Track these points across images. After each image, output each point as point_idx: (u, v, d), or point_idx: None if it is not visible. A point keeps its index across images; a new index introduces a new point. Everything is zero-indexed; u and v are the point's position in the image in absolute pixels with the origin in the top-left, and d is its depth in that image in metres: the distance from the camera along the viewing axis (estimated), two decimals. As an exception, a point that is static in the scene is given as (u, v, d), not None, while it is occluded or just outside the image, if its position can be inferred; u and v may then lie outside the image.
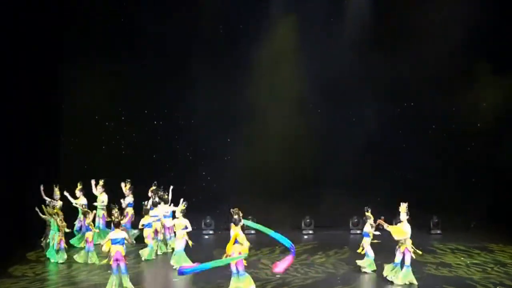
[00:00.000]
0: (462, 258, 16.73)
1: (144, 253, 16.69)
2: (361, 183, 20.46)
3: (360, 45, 20.63)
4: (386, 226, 14.44)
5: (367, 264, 15.33)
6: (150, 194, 17.89)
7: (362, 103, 20.81)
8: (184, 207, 15.60)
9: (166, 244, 17.55)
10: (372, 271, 15.36)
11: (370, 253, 15.28)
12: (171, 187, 18.05)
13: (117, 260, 13.07)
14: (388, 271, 14.53)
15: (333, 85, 20.70)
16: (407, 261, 14.08)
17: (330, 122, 20.92)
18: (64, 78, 20.47)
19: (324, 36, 20.71)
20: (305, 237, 19.98)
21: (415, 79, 20.58)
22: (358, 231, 19.28)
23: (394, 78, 20.57)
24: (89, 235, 16.22)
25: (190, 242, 15.37)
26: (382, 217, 14.79)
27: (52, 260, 16.31)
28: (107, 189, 18.64)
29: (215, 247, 17.75)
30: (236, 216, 13.48)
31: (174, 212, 16.68)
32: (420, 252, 14.56)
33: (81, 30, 20.31)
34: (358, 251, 15.60)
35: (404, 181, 20.50)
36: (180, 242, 15.34)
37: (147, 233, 16.78)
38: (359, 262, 15.48)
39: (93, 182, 18.38)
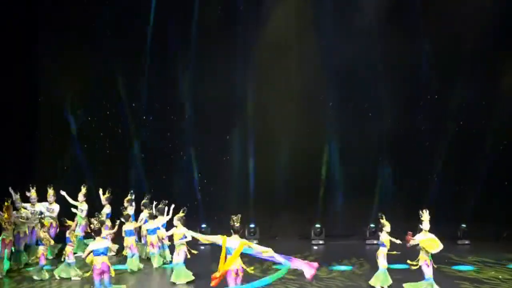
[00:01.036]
0: (493, 273, 15.16)
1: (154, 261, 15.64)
2: (378, 188, 19.24)
3: (375, 30, 19.14)
4: (412, 241, 13.02)
5: (380, 279, 13.65)
6: (125, 204, 16.55)
7: (378, 98, 19.42)
8: (184, 214, 14.47)
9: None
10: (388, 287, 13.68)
11: (383, 264, 13.65)
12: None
13: (102, 272, 12.19)
14: None
15: (345, 78, 19.41)
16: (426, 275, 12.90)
17: (342, 119, 19.59)
18: (42, 68, 19.46)
19: (334, 20, 19.28)
20: (315, 247, 18.64)
21: (438, 68, 19.17)
22: (375, 241, 17.59)
23: (414, 68, 19.27)
24: (42, 249, 14.69)
25: (188, 254, 14.32)
26: (410, 232, 13.19)
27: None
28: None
29: (213, 260, 16.01)
30: (238, 224, 12.06)
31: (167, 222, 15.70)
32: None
33: (59, 18, 19.28)
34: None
35: (427, 185, 19.18)
36: (180, 255, 14.27)
37: (150, 240, 15.65)
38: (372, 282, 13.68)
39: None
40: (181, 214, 14.30)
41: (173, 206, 15.30)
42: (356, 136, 19.35)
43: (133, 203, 16.60)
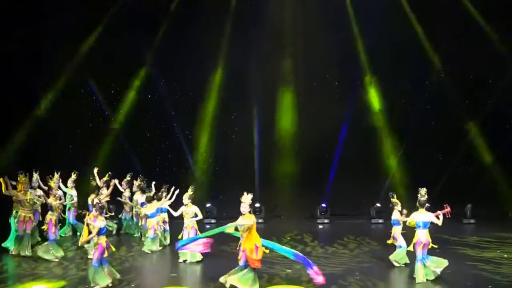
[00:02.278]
0: (498, 252, 14.95)
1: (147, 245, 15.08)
2: (384, 167, 19.16)
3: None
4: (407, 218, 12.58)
5: (399, 257, 13.45)
6: (124, 186, 16.26)
7: (384, 79, 19.25)
8: (192, 192, 14.06)
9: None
10: (404, 264, 13.42)
11: (403, 243, 13.43)
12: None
13: (101, 250, 11.75)
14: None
15: (352, 58, 19.22)
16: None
17: (348, 98, 19.33)
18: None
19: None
20: (320, 226, 18.51)
21: (445, 48, 18.85)
22: (380, 220, 18.08)
23: (418, 48, 18.94)
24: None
25: (199, 233, 13.83)
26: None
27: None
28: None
29: (218, 238, 15.75)
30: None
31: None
32: (436, 246, 12.56)
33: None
34: (389, 242, 13.63)
35: (433, 165, 18.86)
36: (190, 232, 13.89)
37: (151, 224, 15.02)
38: (392, 257, 13.47)
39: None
40: (190, 192, 13.94)
41: (177, 191, 14.94)
42: (363, 117, 19.17)
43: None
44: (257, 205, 18.51)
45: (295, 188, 18.96)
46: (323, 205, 18.78)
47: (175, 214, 14.09)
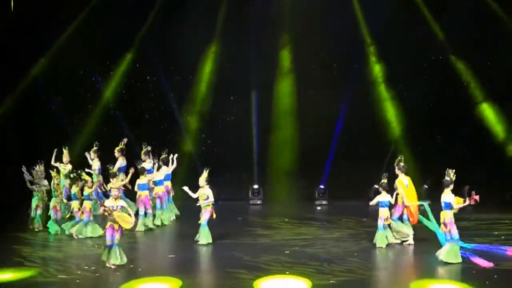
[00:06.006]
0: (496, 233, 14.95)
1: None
2: (384, 149, 18.94)
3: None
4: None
5: (382, 240, 13.63)
6: (143, 157, 16.07)
7: (386, 66, 19.25)
8: (208, 175, 14.02)
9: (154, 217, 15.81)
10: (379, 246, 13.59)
11: (380, 224, 13.69)
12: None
13: (113, 230, 11.93)
14: None
15: (352, 47, 19.22)
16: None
17: (347, 80, 19.19)
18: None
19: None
20: (319, 208, 18.42)
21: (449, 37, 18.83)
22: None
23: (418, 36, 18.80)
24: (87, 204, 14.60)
25: (214, 215, 13.95)
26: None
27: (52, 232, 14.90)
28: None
29: (219, 222, 15.81)
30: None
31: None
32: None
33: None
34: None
35: (432, 147, 18.90)
36: (204, 215, 13.89)
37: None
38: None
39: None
40: (205, 175, 13.89)
41: (176, 155, 15.47)
42: (363, 100, 19.01)
43: (151, 155, 16.02)
44: (255, 186, 18.53)
45: (294, 169, 18.87)
46: (321, 186, 18.74)
47: (194, 195, 13.97)
